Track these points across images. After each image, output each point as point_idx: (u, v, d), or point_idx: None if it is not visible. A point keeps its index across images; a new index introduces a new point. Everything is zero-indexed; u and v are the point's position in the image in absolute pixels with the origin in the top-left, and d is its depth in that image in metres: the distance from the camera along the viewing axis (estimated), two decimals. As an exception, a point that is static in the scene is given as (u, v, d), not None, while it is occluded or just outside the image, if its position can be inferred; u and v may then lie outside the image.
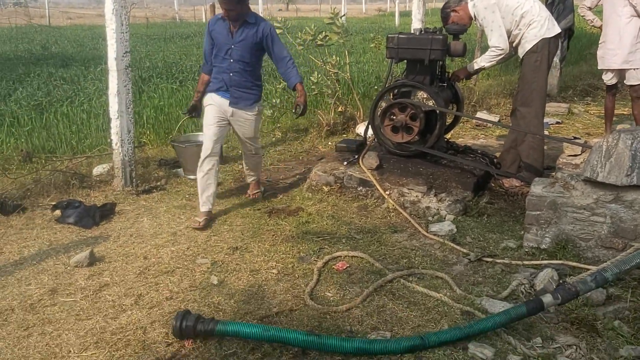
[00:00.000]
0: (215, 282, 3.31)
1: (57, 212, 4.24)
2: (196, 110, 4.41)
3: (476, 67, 4.79)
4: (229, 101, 4.22)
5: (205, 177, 4.17)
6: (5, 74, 9.81)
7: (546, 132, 6.53)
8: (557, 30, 4.55)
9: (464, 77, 5.05)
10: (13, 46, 14.63)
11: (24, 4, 30.81)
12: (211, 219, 4.18)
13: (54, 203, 4.42)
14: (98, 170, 5.18)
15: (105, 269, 3.49)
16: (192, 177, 4.95)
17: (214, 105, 4.24)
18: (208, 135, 4.21)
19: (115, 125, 4.77)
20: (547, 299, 2.72)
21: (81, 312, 3.01)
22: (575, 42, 11.49)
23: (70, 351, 2.68)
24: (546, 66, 4.58)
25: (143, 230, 4.08)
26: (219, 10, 4.14)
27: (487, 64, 4.68)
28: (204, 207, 4.17)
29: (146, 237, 3.96)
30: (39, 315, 2.97)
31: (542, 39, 4.48)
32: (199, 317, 2.74)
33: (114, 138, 4.82)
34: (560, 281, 3.11)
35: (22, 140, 5.98)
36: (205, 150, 4.19)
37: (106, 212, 4.32)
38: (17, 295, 3.18)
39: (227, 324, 2.71)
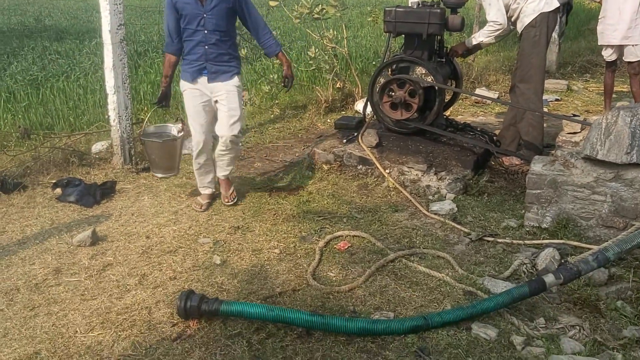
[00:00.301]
0: (218, 261, 3.33)
1: (58, 191, 4.23)
2: (167, 99, 4.06)
3: (474, 42, 4.75)
4: (207, 77, 3.84)
5: (202, 168, 4.05)
6: (-2, 47, 9.68)
7: (545, 110, 6.52)
8: (555, 4, 4.51)
9: (462, 53, 5.01)
10: (5, 19, 14.40)
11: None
12: (213, 200, 4.18)
13: (54, 181, 4.40)
14: (97, 147, 5.15)
15: (108, 249, 3.50)
16: (161, 175, 4.60)
17: (193, 88, 3.87)
18: (195, 127, 3.92)
19: (112, 101, 4.72)
20: (549, 278, 2.75)
21: (86, 292, 3.03)
22: (574, 18, 11.39)
23: (76, 331, 2.71)
24: (545, 41, 4.56)
25: (144, 209, 4.08)
26: None
27: (485, 40, 4.64)
28: (205, 191, 4.13)
29: (148, 216, 3.96)
30: (45, 295, 2.99)
31: (541, 13, 4.46)
32: (203, 297, 2.77)
33: (112, 114, 4.78)
34: (562, 261, 3.14)
35: (19, 116, 5.94)
36: (197, 144, 3.93)
37: (107, 190, 4.31)
38: (22, 275, 3.20)
39: (231, 304, 2.73)
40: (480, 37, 4.65)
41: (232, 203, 4.08)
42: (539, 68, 4.58)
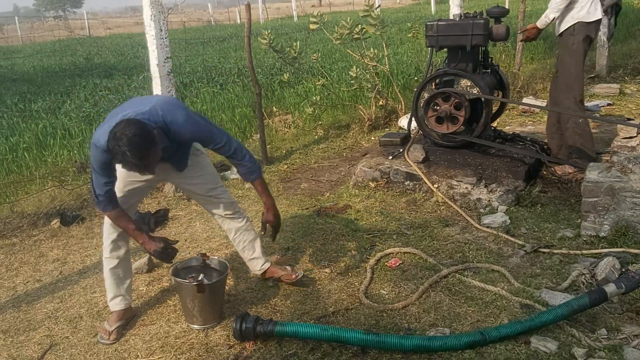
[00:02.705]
0: (271, 283, 3.36)
1: (114, 221, 4.38)
2: (168, 250, 2.89)
3: (546, 20, 4.57)
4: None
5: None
6: (53, 87, 10.18)
7: (597, 115, 6.34)
8: (598, 15, 4.41)
9: (536, 35, 4.77)
10: (57, 59, 15.16)
11: (63, 17, 31.81)
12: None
13: (110, 212, 4.56)
14: (149, 177, 5.31)
15: (164, 275, 3.59)
16: (199, 327, 2.99)
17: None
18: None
19: (162, 132, 4.88)
20: (611, 288, 2.65)
21: (145, 317, 3.11)
22: (623, 18, 11.08)
23: (137, 356, 2.78)
24: (582, 50, 4.45)
25: (197, 234, 4.17)
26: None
27: (555, 14, 4.48)
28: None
29: (200, 241, 4.05)
30: (106, 322, 3.09)
31: (579, 21, 4.36)
32: (258, 318, 2.80)
33: (162, 145, 4.93)
34: (623, 270, 3.02)
35: (75, 151, 6.20)
36: None
37: (160, 218, 4.43)
38: (84, 303, 3.32)
39: (285, 325, 2.75)
40: (550, 13, 4.50)
41: (293, 280, 3.27)
42: (577, 77, 4.47)
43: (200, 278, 2.92)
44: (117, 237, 2.97)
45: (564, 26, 4.43)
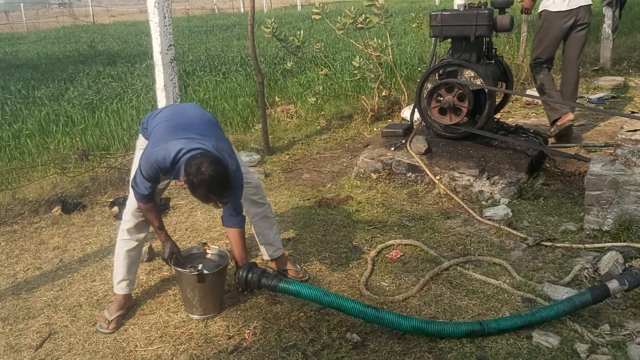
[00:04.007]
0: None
1: (115, 209, 4.37)
2: (174, 254, 2.97)
3: None
4: None
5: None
6: (56, 74, 10.15)
7: (601, 108, 6.29)
8: (560, 7, 4.85)
9: (530, 6, 5.30)
10: (61, 46, 15.09)
11: (68, 4, 31.68)
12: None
13: (111, 200, 4.55)
14: (150, 166, 5.30)
15: (164, 264, 3.57)
16: (198, 317, 2.95)
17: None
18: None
19: (164, 120, 4.85)
20: (613, 285, 2.63)
21: (144, 307, 3.10)
22: (628, 11, 10.97)
23: (137, 345, 2.77)
24: (550, 35, 5.00)
25: (197, 224, 4.16)
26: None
27: None
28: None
29: (201, 230, 4.04)
30: (105, 311, 3.08)
31: (545, 10, 4.94)
32: (265, 271, 2.83)
33: (164, 134, 4.90)
34: (627, 265, 3.00)
35: (77, 139, 6.18)
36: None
37: (161, 207, 4.41)
38: (84, 291, 3.31)
39: (289, 283, 2.79)
40: None
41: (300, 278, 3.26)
42: (542, 51, 5.10)
43: (200, 268, 2.91)
44: (142, 222, 2.99)
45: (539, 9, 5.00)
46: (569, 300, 2.63)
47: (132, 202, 2.96)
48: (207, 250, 3.16)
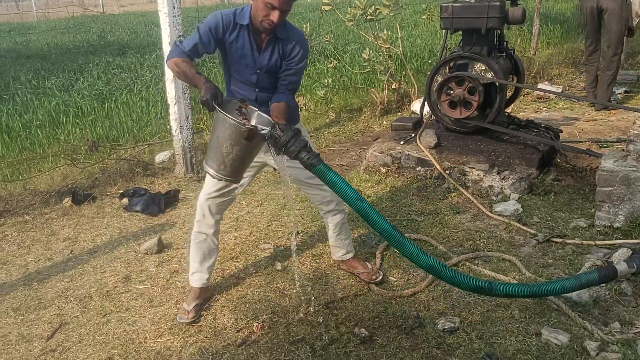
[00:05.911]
0: (279, 267, 3.36)
1: (125, 201, 4.39)
2: (217, 97, 2.41)
3: None
4: None
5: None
6: (66, 65, 10.17)
7: (614, 102, 6.23)
8: None
9: None
10: (71, 37, 15.12)
11: (78, -6, 31.69)
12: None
13: (121, 191, 4.57)
14: (160, 157, 5.32)
15: (174, 256, 3.59)
16: (213, 172, 2.44)
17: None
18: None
19: (173, 111, 4.85)
20: (622, 267, 2.61)
21: (154, 299, 3.12)
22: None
23: (146, 337, 2.79)
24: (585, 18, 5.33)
25: (206, 216, 4.16)
26: None
27: None
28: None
29: (210, 223, 4.04)
30: (115, 302, 3.11)
31: None
32: (307, 144, 2.39)
33: (173, 124, 4.91)
34: (636, 249, 2.97)
35: (87, 130, 6.20)
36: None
37: (170, 199, 4.43)
38: (94, 282, 3.33)
39: (329, 169, 2.44)
40: None
41: (373, 280, 3.17)
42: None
43: (254, 122, 2.40)
44: (210, 215, 2.94)
45: None
46: (576, 277, 2.58)
47: (202, 194, 2.92)
48: (244, 110, 2.49)
